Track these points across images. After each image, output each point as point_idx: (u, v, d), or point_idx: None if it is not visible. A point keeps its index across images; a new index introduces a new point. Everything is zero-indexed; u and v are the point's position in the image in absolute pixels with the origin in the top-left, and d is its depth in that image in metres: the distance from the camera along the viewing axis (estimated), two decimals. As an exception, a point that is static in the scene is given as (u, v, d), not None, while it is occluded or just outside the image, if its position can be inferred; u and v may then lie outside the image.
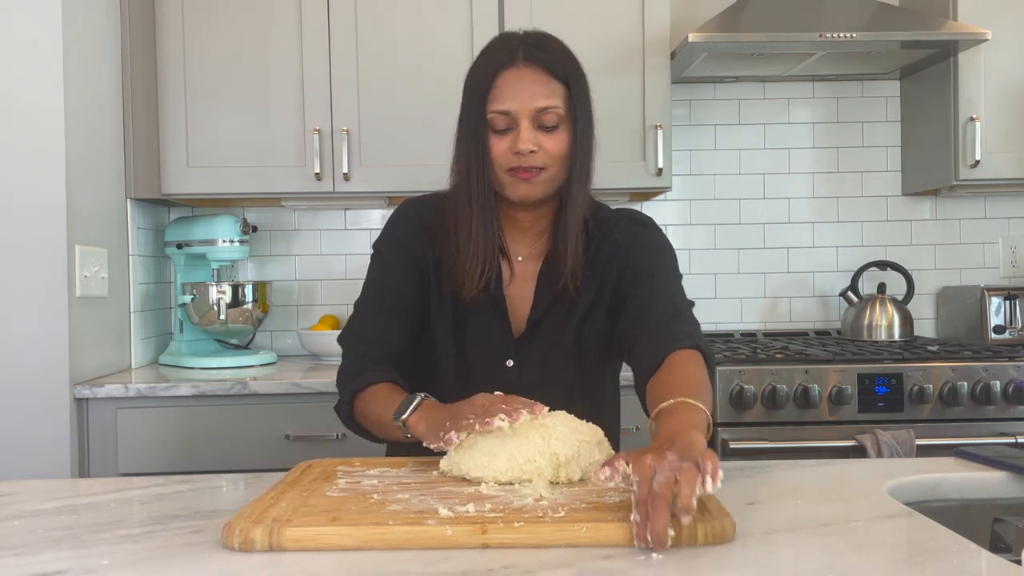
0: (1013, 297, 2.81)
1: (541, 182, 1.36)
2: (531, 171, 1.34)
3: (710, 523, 0.92)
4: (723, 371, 2.27)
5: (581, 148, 1.38)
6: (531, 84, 1.34)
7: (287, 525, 0.92)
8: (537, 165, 1.34)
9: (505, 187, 1.37)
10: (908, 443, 2.20)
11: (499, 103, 1.34)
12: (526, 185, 1.36)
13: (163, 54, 2.54)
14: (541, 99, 1.34)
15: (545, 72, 1.35)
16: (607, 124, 2.55)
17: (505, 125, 1.34)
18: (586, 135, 1.39)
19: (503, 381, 1.38)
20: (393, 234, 1.48)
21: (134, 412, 2.24)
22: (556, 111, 1.34)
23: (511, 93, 1.34)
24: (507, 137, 1.34)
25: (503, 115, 1.34)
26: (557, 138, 1.35)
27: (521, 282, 1.45)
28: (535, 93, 1.34)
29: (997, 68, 2.64)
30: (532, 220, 1.44)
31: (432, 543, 0.91)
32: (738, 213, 3.00)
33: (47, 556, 0.91)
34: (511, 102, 1.33)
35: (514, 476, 1.10)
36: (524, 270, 1.45)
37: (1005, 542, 1.07)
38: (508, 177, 1.36)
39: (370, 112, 2.55)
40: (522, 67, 1.35)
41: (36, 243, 2.15)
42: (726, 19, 2.54)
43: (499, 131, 1.35)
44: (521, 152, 1.33)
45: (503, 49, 1.38)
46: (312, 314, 2.94)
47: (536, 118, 1.34)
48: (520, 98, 1.33)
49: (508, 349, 1.43)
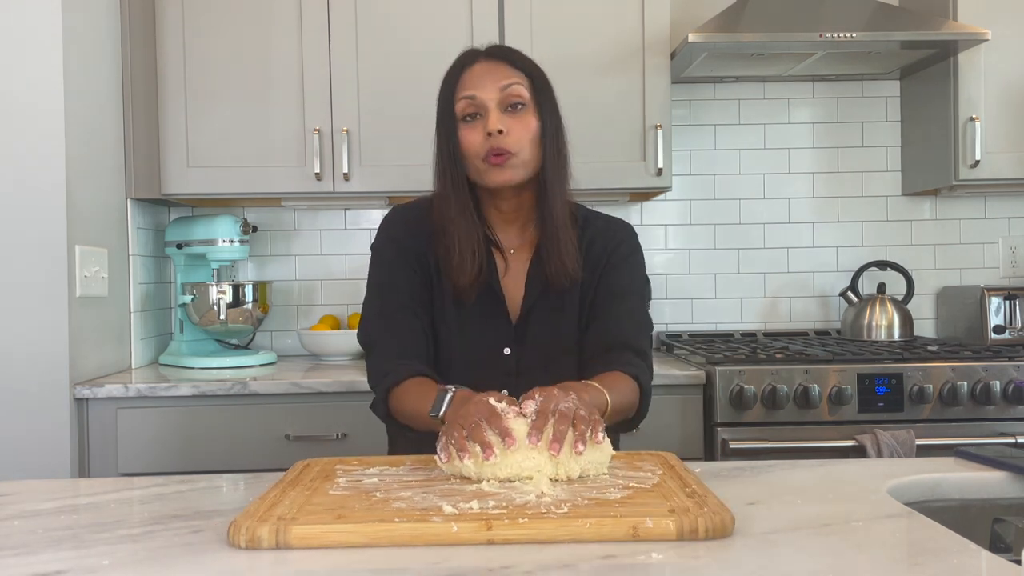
0: (1013, 297, 2.81)
1: (515, 166, 1.43)
2: (503, 155, 1.41)
3: (710, 517, 0.93)
4: (723, 371, 2.27)
5: (550, 133, 1.46)
6: (494, 71, 1.45)
7: (293, 523, 0.93)
8: (508, 149, 1.41)
9: (482, 175, 1.44)
10: (908, 443, 2.20)
11: (465, 90, 1.44)
12: (500, 170, 1.43)
13: (163, 54, 2.54)
14: (504, 79, 1.43)
15: (506, 63, 1.46)
16: (607, 124, 2.59)
17: (474, 110, 1.43)
18: (554, 123, 1.47)
19: (502, 368, 1.48)
20: (392, 236, 1.54)
21: (134, 412, 2.24)
22: (520, 91, 1.43)
23: (476, 80, 1.44)
24: (477, 125, 1.43)
25: (471, 101, 1.43)
26: (525, 120, 1.43)
27: (515, 273, 1.52)
28: (498, 76, 1.44)
29: (997, 68, 2.64)
30: (515, 211, 1.51)
31: (438, 540, 0.91)
32: (738, 213, 3.00)
33: (47, 556, 0.91)
34: (476, 88, 1.43)
35: (514, 473, 1.10)
36: (516, 261, 1.53)
37: (1005, 542, 1.07)
38: (483, 165, 1.43)
39: (370, 112, 2.55)
40: (484, 62, 1.47)
41: (36, 243, 2.15)
42: (726, 19, 2.54)
43: (468, 119, 1.44)
44: (491, 133, 1.40)
45: (467, 55, 1.49)
46: (312, 314, 2.94)
47: (502, 101, 1.43)
48: (484, 83, 1.43)
49: (505, 337, 1.50)
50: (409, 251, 1.51)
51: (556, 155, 1.47)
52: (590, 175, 2.55)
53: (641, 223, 2.98)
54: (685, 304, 3.00)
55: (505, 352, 1.50)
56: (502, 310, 1.50)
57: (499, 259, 1.52)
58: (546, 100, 1.47)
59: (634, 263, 1.56)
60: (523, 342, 1.50)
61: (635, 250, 1.57)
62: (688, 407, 2.30)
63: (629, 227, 1.60)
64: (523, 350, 1.49)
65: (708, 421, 2.30)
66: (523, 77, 1.45)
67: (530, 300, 1.50)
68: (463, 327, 1.50)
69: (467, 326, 1.50)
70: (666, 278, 2.98)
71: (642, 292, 1.56)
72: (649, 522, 0.92)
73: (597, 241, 1.54)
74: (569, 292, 1.51)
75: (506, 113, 1.43)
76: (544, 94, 1.47)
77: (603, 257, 1.53)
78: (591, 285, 1.52)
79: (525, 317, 1.50)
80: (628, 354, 1.45)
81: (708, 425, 2.30)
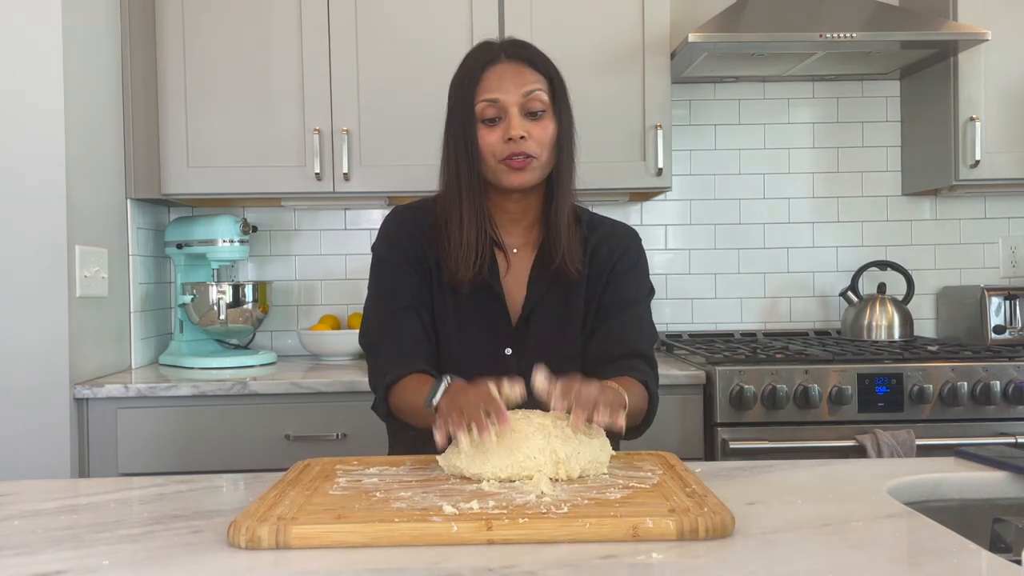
0: (1013, 297, 2.81)
1: (533, 169, 1.44)
2: (524, 159, 1.42)
3: (710, 517, 0.93)
4: (723, 371, 2.27)
5: (566, 137, 1.47)
6: (516, 75, 1.43)
7: (293, 523, 0.93)
8: (529, 152, 1.42)
9: (499, 176, 1.44)
10: (908, 443, 2.20)
11: (488, 92, 1.42)
12: (520, 173, 1.43)
13: (163, 54, 2.54)
14: (527, 84, 1.43)
15: (527, 65, 1.45)
16: (607, 124, 2.59)
17: (494, 114, 1.42)
18: (570, 127, 1.49)
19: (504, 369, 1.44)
20: (392, 237, 1.54)
21: (134, 412, 2.24)
22: (542, 96, 1.43)
23: (498, 83, 1.42)
24: (497, 128, 1.43)
25: (492, 104, 1.42)
26: (544, 125, 1.44)
27: (517, 272, 1.52)
28: (521, 81, 1.43)
29: (997, 68, 2.64)
30: (523, 211, 1.51)
31: (438, 540, 0.91)
32: (738, 213, 3.00)
33: (47, 556, 0.92)
34: (499, 91, 1.42)
35: (514, 473, 1.10)
36: (519, 261, 1.53)
37: (1005, 542, 1.07)
38: (501, 166, 1.43)
39: (370, 112, 2.55)
40: (506, 63, 1.45)
41: (36, 243, 2.15)
42: (726, 19, 2.54)
43: (488, 122, 1.43)
44: (513, 138, 1.40)
45: (486, 51, 1.48)
46: (312, 314, 2.94)
47: (524, 106, 1.42)
48: (507, 87, 1.42)
49: (507, 337, 1.50)
50: (409, 251, 1.50)
51: (569, 158, 1.48)
52: (590, 175, 2.53)
53: (641, 223, 2.98)
54: (685, 304, 3.00)
55: (506, 353, 1.50)
56: (502, 310, 1.50)
57: (501, 259, 1.51)
58: (563, 103, 1.48)
59: (641, 271, 1.57)
60: (524, 343, 1.49)
61: (641, 257, 1.58)
62: (688, 407, 2.30)
63: (634, 232, 1.60)
64: (525, 351, 1.49)
65: (708, 421, 2.30)
66: (544, 81, 1.45)
67: (532, 300, 1.50)
68: (463, 327, 1.49)
69: (467, 326, 1.49)
70: (666, 278, 2.98)
71: (648, 300, 1.57)
72: (649, 522, 0.92)
73: (603, 246, 1.54)
74: (573, 293, 1.50)
75: (527, 117, 1.42)
76: (562, 97, 1.47)
77: (609, 263, 1.53)
78: (597, 290, 1.52)
79: (527, 318, 1.50)
80: (638, 361, 1.46)
81: (708, 425, 2.30)
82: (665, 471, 1.16)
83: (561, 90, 1.47)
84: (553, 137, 1.45)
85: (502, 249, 1.52)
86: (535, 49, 1.49)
